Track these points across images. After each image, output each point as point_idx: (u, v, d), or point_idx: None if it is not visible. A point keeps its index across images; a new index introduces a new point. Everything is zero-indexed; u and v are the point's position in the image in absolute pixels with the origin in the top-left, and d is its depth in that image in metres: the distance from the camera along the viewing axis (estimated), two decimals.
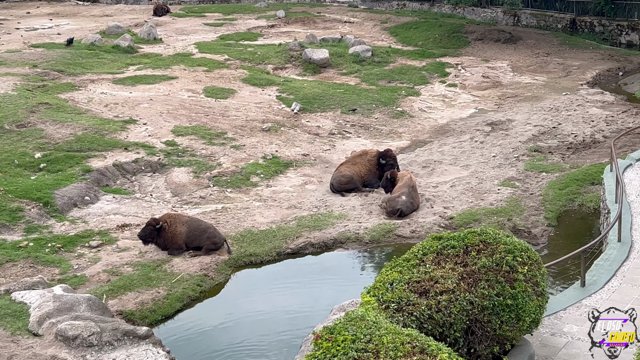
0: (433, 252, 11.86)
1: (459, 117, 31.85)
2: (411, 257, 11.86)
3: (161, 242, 19.84)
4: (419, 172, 25.21)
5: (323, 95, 32.82)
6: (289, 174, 25.52)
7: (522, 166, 25.14)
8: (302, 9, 55.26)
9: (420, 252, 11.93)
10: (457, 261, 11.64)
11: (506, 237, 12.06)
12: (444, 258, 11.73)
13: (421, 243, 12.27)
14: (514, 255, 11.65)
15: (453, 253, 11.75)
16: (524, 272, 11.57)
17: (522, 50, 42.47)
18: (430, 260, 11.69)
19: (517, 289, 11.35)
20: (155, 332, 16.71)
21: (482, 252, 11.70)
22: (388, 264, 11.86)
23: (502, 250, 11.70)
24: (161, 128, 28.04)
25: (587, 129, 28.56)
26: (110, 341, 14.14)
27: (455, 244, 11.87)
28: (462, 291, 11.07)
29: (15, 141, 25.77)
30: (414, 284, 11.13)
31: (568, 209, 21.94)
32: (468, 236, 12.00)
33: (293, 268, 19.72)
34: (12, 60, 35.86)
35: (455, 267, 11.51)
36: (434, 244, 12.08)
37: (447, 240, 12.03)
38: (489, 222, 20.82)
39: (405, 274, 11.38)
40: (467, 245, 11.84)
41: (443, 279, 11.21)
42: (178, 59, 38.27)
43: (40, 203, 21.93)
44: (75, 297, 15.27)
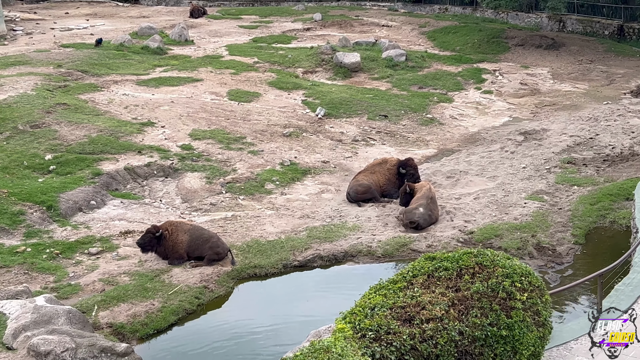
0: (424, 274, 10.82)
1: (492, 125, 30.58)
2: (399, 279, 10.85)
3: (161, 251, 19.07)
4: (442, 183, 24.08)
5: (350, 101, 31.81)
6: (306, 182, 24.58)
7: (553, 179, 23.82)
8: (340, 12, 54.33)
9: (409, 274, 10.91)
10: (448, 285, 10.59)
11: (505, 259, 10.95)
12: (434, 281, 10.68)
13: (412, 263, 11.26)
14: (512, 280, 10.55)
15: (445, 276, 10.70)
16: (523, 300, 10.47)
17: (564, 57, 40.91)
18: (420, 283, 10.66)
19: (514, 319, 10.25)
20: (145, 347, 16.05)
21: (477, 275, 10.63)
22: (373, 286, 10.82)
23: (499, 274, 10.61)
24: (179, 131, 27.33)
25: (626, 141, 27.06)
26: (86, 358, 13.34)
27: (448, 266, 10.82)
28: (451, 319, 10.02)
29: (28, 142, 25.29)
30: (398, 309, 10.11)
31: (598, 226, 20.59)
32: (463, 257, 10.94)
33: (298, 282, 18.74)
34: (37, 60, 35.61)
35: (446, 291, 10.45)
36: (425, 264, 11.04)
37: (440, 261, 10.99)
38: (511, 238, 19.67)
39: (390, 298, 10.36)
40: (462, 267, 10.79)
41: (431, 304, 10.17)
42: (206, 61, 37.66)
43: (43, 207, 21.36)
44: (54, 309, 14.51)
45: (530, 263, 18.70)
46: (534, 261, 18.82)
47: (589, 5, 47.73)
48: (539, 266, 18.61)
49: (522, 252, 19.10)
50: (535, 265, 18.65)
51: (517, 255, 18.96)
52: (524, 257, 18.97)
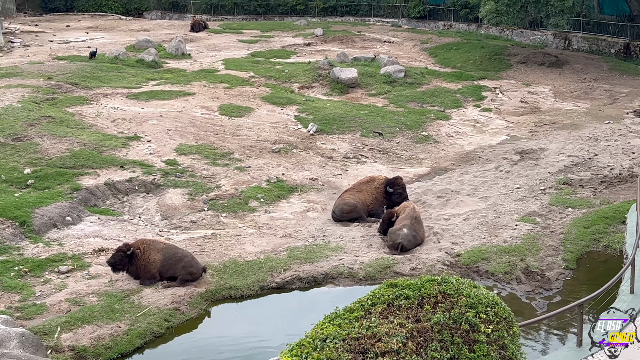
0: (383, 303, 10.05)
1: (488, 144, 29.86)
2: (357, 307, 10.07)
3: (133, 270, 18.41)
4: (432, 202, 23.36)
5: (344, 117, 31.17)
6: (292, 200, 23.91)
7: (547, 200, 23.03)
8: (342, 27, 53.83)
9: (368, 302, 10.14)
10: (409, 315, 9.81)
11: (471, 288, 10.18)
12: (394, 310, 9.91)
13: (374, 290, 10.48)
14: (476, 311, 9.76)
15: (406, 305, 9.92)
16: (488, 332, 9.67)
17: (567, 75, 40.20)
18: (379, 312, 9.89)
19: (477, 353, 9.46)
20: None
21: (440, 305, 9.85)
22: (328, 314, 10.07)
23: (463, 304, 9.83)
24: (165, 146, 26.73)
25: (626, 162, 26.26)
26: None
27: (409, 294, 10.04)
28: (408, 353, 9.24)
29: (8, 155, 24.74)
30: (352, 341, 9.33)
31: (591, 250, 19.78)
32: (426, 285, 10.16)
33: (273, 305, 17.99)
34: (29, 72, 35.15)
35: (406, 322, 9.68)
36: (386, 292, 10.28)
37: (402, 288, 10.21)
38: (499, 261, 18.91)
39: (345, 328, 9.59)
40: (424, 296, 10.00)
41: (388, 336, 9.39)
42: (201, 75, 37.14)
43: (16, 222, 20.76)
44: (7, 331, 13.84)
45: (517, 288, 17.99)
46: (522, 286, 18.05)
47: (594, 23, 47.10)
48: (526, 292, 17.85)
49: (509, 277, 18.34)
50: (522, 290, 17.91)
51: (504, 280, 18.29)
52: (511, 282, 18.23)
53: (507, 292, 17.92)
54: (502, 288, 18.09)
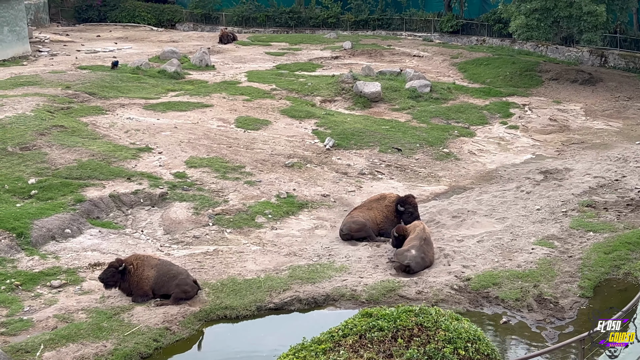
0: (355, 334, 9.30)
1: (512, 162, 28.85)
2: (326, 338, 9.33)
3: (125, 287, 17.79)
4: (446, 223, 22.45)
5: (363, 132, 30.38)
6: (300, 216, 23.16)
7: (568, 223, 21.96)
8: (372, 41, 53.04)
9: (339, 333, 9.39)
10: (381, 349, 9.05)
11: (452, 320, 9.35)
12: (366, 343, 9.15)
13: (347, 320, 9.70)
14: (454, 347, 8.95)
15: (379, 337, 9.16)
16: None
17: (600, 92, 38.97)
18: (349, 345, 9.13)
19: None
20: None
21: (415, 339, 9.05)
22: (293, 346, 9.29)
23: (440, 338, 9.03)
24: (175, 158, 26.18)
25: None
26: None
27: (384, 325, 9.28)
28: None
29: (15, 164, 24.35)
30: None
31: (610, 278, 18.70)
32: (402, 316, 9.40)
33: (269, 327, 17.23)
34: (48, 81, 34.96)
35: (377, 357, 8.91)
36: (360, 322, 9.53)
37: (377, 319, 9.45)
38: (510, 287, 17.95)
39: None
40: (399, 328, 9.22)
41: None
42: (222, 87, 36.65)
43: (13, 234, 20.29)
44: None
45: (528, 317, 17.04)
46: (532, 315, 17.08)
47: (632, 40, 45.77)
48: (537, 320, 16.88)
49: (520, 304, 17.38)
50: (533, 319, 16.94)
51: (514, 308, 17.35)
52: (521, 309, 17.27)
53: (516, 321, 16.98)
54: (512, 316, 17.15)
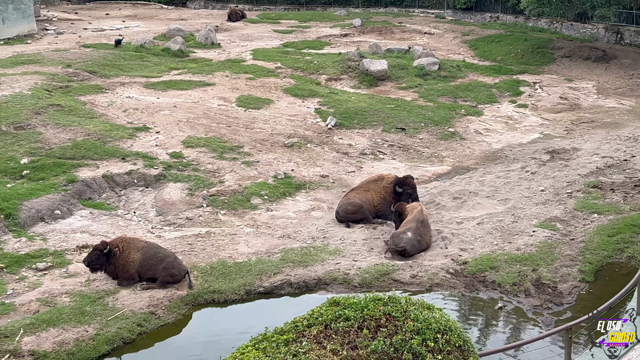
0: (320, 324, 8.79)
1: (518, 142, 28.19)
2: (289, 328, 8.83)
3: (111, 270, 17.42)
4: (447, 204, 21.90)
5: (367, 111, 29.79)
6: (298, 197, 22.69)
7: (572, 204, 21.34)
8: (383, 18, 52.31)
9: (303, 323, 8.89)
10: (346, 340, 8.53)
11: (423, 309, 8.84)
12: (331, 334, 8.63)
13: (313, 309, 9.21)
14: (423, 338, 8.43)
15: (344, 328, 8.64)
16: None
17: (614, 70, 38.11)
18: (313, 335, 8.63)
19: None
20: None
21: (381, 329, 8.54)
22: (255, 336, 8.82)
23: (408, 329, 8.51)
24: (172, 138, 25.76)
25: None
26: None
27: (350, 315, 8.76)
28: None
29: (8, 144, 24.04)
30: None
31: (613, 262, 18.09)
32: (370, 305, 8.88)
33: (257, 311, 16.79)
34: (49, 59, 34.59)
35: (341, 348, 8.41)
36: (327, 311, 9.01)
37: (344, 308, 8.93)
38: (508, 271, 17.40)
39: (269, 354, 8.36)
40: (366, 317, 8.70)
41: None
42: (226, 65, 36.14)
43: (1, 215, 19.92)
44: None
45: (525, 302, 16.48)
46: (529, 300, 16.52)
47: None
48: (534, 306, 16.32)
49: (517, 289, 16.83)
50: (529, 305, 16.38)
51: (511, 292, 16.80)
52: (518, 294, 16.72)
53: (512, 306, 16.44)
54: (508, 301, 16.61)
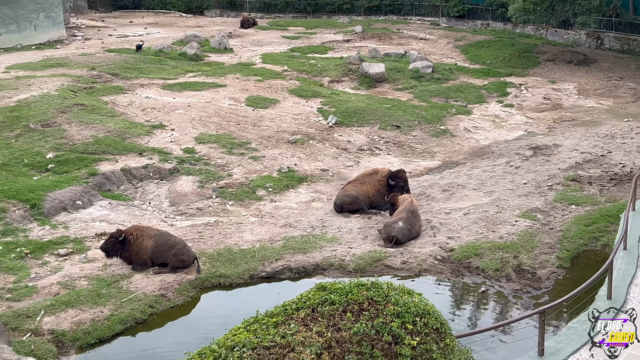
0: (308, 308, 8.63)
1: (504, 139, 27.91)
2: (279, 311, 8.67)
3: (126, 256, 17.27)
4: (436, 196, 21.68)
5: (365, 110, 29.54)
6: (299, 190, 22.49)
7: (552, 196, 21.10)
8: (383, 25, 51.94)
9: (292, 306, 8.73)
10: (331, 323, 8.37)
11: (403, 294, 8.65)
12: (317, 317, 8.47)
13: (302, 293, 9.03)
14: (402, 321, 8.26)
15: (329, 311, 8.48)
16: (413, 345, 8.16)
17: (594, 73, 37.73)
18: (301, 318, 8.47)
19: None
20: (81, 358, 14.21)
21: (364, 313, 8.37)
22: (247, 318, 8.65)
23: (389, 312, 8.34)
24: (186, 134, 25.58)
25: (639, 159, 24.07)
26: None
27: (335, 299, 8.60)
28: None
29: (35, 140, 23.91)
30: (262, 350, 7.94)
31: (588, 249, 17.84)
32: (354, 290, 8.70)
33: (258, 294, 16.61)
34: (76, 63, 34.45)
35: (326, 331, 8.23)
36: (314, 295, 8.85)
37: (330, 292, 8.76)
38: (491, 258, 17.18)
39: (260, 335, 8.20)
40: (350, 302, 8.52)
41: (302, 346, 7.98)
42: (237, 68, 35.91)
43: (27, 205, 19.81)
44: None
45: (506, 286, 16.27)
46: (510, 284, 16.31)
47: (627, 24, 44.31)
48: (514, 290, 16.10)
49: (499, 274, 16.61)
50: (510, 289, 16.17)
51: (493, 277, 16.58)
52: (500, 279, 16.50)
53: (495, 290, 16.23)
54: (491, 285, 16.40)
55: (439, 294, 16.25)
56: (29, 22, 42.55)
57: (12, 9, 41.56)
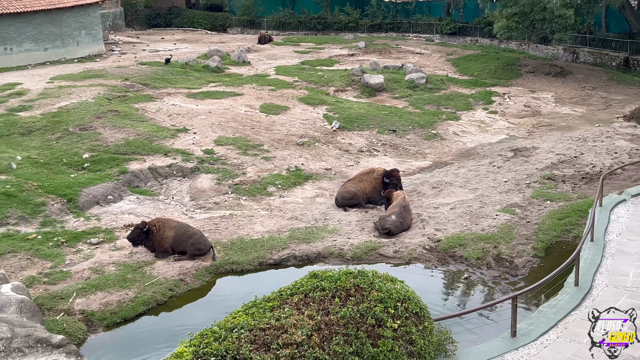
0: (301, 293, 8.43)
1: (488, 142, 27.55)
2: (275, 296, 8.48)
3: (150, 245, 17.15)
4: (426, 192, 21.39)
5: (366, 116, 29.27)
6: (305, 186, 22.27)
7: (530, 193, 20.79)
8: (384, 41, 51.53)
9: (287, 292, 8.53)
10: (321, 307, 8.17)
11: (387, 282, 8.43)
12: (309, 302, 8.27)
13: (296, 280, 8.83)
14: (385, 306, 8.06)
15: (320, 297, 8.28)
16: (395, 327, 7.95)
17: (569, 83, 37.26)
18: (294, 303, 8.27)
19: (381, 348, 7.77)
20: (107, 335, 14.07)
21: (350, 298, 8.16)
22: (246, 303, 8.46)
23: (373, 298, 8.14)
24: (206, 137, 25.40)
25: (608, 160, 23.71)
26: (21, 347, 11.37)
27: (325, 286, 8.39)
28: (311, 346, 7.59)
29: (74, 142, 23.81)
30: (258, 332, 7.74)
31: (561, 240, 17.53)
32: (342, 277, 8.51)
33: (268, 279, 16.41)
34: (112, 74, 34.32)
35: (316, 314, 8.03)
36: (308, 282, 8.65)
37: (321, 280, 8.56)
38: (474, 248, 16.92)
39: (257, 318, 8.00)
40: (338, 288, 8.32)
41: (295, 328, 7.78)
42: (253, 79, 35.67)
43: (65, 199, 19.73)
44: (8, 298, 12.64)
45: (486, 273, 16.01)
46: (490, 272, 16.05)
47: (599, 39, 43.84)
48: (494, 277, 15.85)
49: (480, 262, 16.36)
50: (490, 275, 15.92)
51: (475, 265, 16.32)
52: (481, 267, 16.25)
53: (476, 277, 15.97)
54: (473, 272, 16.15)
55: (427, 279, 16.02)
56: (72, 38, 42.51)
57: (57, 27, 41.53)
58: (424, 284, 15.70)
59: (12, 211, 18.57)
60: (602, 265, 13.16)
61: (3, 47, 38.81)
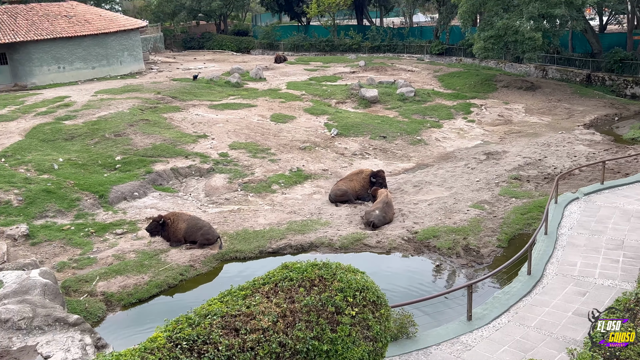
0: (272, 283, 7.89)
1: (465, 146, 26.82)
2: (248, 286, 7.93)
3: (165, 235, 16.75)
4: (408, 190, 20.78)
5: (361, 124, 28.66)
6: (305, 185, 21.74)
7: (498, 191, 20.13)
8: (381, 60, 50.77)
9: (260, 281, 7.99)
10: (288, 296, 7.62)
11: (347, 273, 7.88)
12: (278, 291, 7.73)
13: (269, 271, 8.30)
14: (344, 295, 7.51)
15: (287, 286, 7.74)
16: (352, 315, 7.40)
17: (538, 96, 36.35)
18: (265, 291, 7.73)
19: (339, 333, 7.23)
20: (124, 314, 13.67)
21: (314, 288, 7.62)
22: (223, 291, 7.94)
23: (334, 288, 7.59)
24: (222, 142, 24.94)
25: (567, 163, 22.97)
26: (41, 326, 11.03)
27: (293, 276, 7.85)
28: (276, 331, 7.06)
29: (109, 146, 23.45)
30: (229, 318, 7.21)
31: (523, 233, 16.88)
32: (308, 269, 7.95)
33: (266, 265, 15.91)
34: (147, 88, 33.95)
35: (283, 302, 7.50)
36: (279, 273, 8.10)
37: (290, 270, 8.01)
38: (446, 239, 16.32)
39: (229, 305, 7.47)
40: (304, 278, 7.79)
41: (262, 315, 7.24)
42: (267, 93, 35.13)
43: (97, 195, 19.35)
44: (34, 281, 12.26)
45: (456, 261, 15.42)
46: (459, 260, 15.46)
47: (565, 59, 42.81)
48: (462, 265, 15.25)
49: (451, 252, 15.77)
50: (459, 263, 15.32)
51: (446, 254, 15.73)
52: (452, 256, 15.66)
53: (447, 264, 15.38)
54: (444, 260, 15.57)
55: (404, 266, 15.47)
56: (116, 58, 42.26)
57: (103, 48, 41.29)
58: (400, 270, 15.17)
59: (51, 205, 18.24)
60: (553, 256, 12.54)
61: (57, 65, 38.64)
